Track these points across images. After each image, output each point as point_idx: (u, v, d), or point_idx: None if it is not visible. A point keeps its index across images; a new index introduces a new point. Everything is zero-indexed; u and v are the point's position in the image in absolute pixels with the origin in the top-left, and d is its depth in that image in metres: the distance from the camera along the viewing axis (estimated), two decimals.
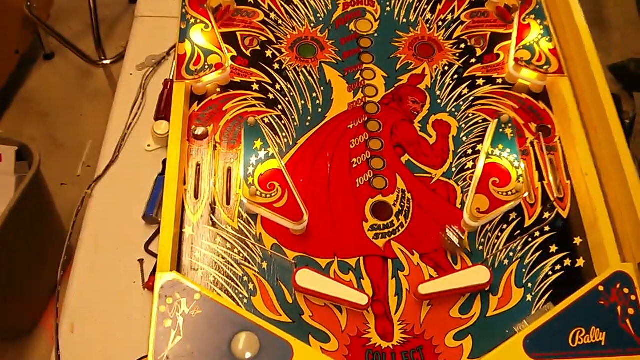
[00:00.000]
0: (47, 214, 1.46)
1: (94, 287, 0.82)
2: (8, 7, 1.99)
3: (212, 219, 0.73)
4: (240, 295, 0.68)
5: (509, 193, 0.72)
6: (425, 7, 0.92)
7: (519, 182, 0.73)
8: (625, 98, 2.09)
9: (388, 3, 0.93)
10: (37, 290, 1.48)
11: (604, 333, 0.63)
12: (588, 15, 0.90)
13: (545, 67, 0.83)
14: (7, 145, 1.43)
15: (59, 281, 0.83)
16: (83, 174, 1.82)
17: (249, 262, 0.70)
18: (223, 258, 0.70)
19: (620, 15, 2.46)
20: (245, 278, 0.69)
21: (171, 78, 0.98)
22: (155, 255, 0.80)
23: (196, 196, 0.75)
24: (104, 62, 1.81)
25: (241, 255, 0.71)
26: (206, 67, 0.82)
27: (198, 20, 0.86)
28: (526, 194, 0.74)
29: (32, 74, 2.12)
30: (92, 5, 1.88)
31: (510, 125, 0.78)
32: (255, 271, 0.70)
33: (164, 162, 0.89)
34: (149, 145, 0.94)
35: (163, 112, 0.95)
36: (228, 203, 0.74)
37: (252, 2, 0.92)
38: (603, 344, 0.62)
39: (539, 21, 0.89)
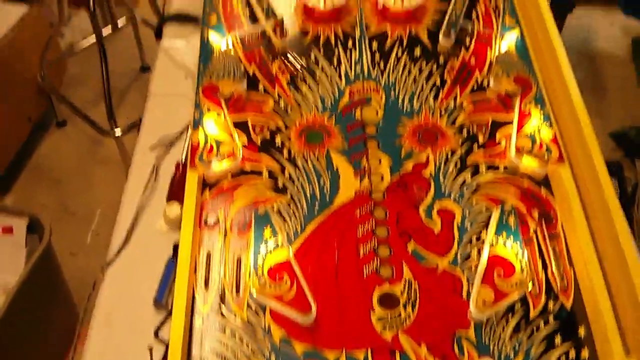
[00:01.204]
0: (57, 288, 1.47)
1: None
2: (22, 76, 2.06)
3: (221, 310, 0.74)
4: None
5: (514, 285, 0.74)
6: (429, 93, 0.96)
7: (523, 273, 0.74)
8: (627, 165, 2.12)
9: (392, 91, 0.96)
10: None
11: None
12: (585, 80, 0.93)
13: (546, 155, 0.86)
14: (19, 218, 1.46)
15: None
16: (92, 243, 1.85)
17: (258, 356, 0.71)
18: (232, 351, 0.71)
19: (619, 81, 2.51)
20: None
21: (183, 161, 1.02)
22: (165, 343, 0.81)
23: (206, 285, 0.76)
24: (116, 133, 1.86)
25: (250, 347, 0.71)
26: (218, 155, 0.85)
27: (211, 109, 0.89)
28: (530, 286, 0.75)
29: (44, 141, 2.18)
30: (104, 76, 1.94)
31: (513, 214, 0.80)
32: None
33: (175, 246, 0.91)
34: (160, 227, 0.96)
35: (175, 194, 0.97)
36: (237, 292, 0.76)
37: (263, 90, 0.95)
38: None
39: (539, 108, 0.92)
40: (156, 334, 0.84)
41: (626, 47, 2.64)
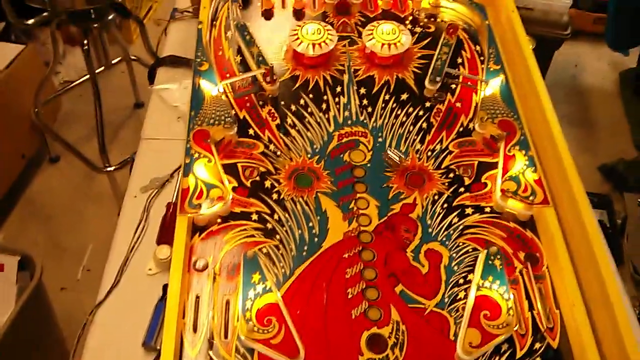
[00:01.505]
0: (47, 325, 1.47)
1: None
2: (17, 113, 2.08)
3: (210, 354, 0.74)
4: None
5: (500, 326, 0.75)
6: (415, 137, 0.98)
7: (509, 314, 0.75)
8: (616, 198, 2.14)
9: (380, 134, 0.98)
10: None
11: None
12: (574, 114, 0.95)
13: (530, 198, 0.88)
14: (10, 255, 1.46)
15: None
16: (83, 279, 1.84)
17: None
18: None
19: (608, 115, 2.55)
20: None
21: (174, 201, 1.03)
22: None
23: (195, 329, 0.77)
24: (108, 169, 1.87)
25: None
26: (208, 200, 0.86)
27: (202, 155, 0.91)
28: (516, 327, 0.76)
29: (37, 177, 2.18)
30: (97, 114, 1.96)
31: (499, 256, 0.81)
32: None
33: (165, 287, 0.91)
34: (150, 269, 0.96)
35: (165, 235, 0.98)
36: (226, 336, 0.76)
37: (253, 134, 0.97)
38: None
39: (523, 152, 0.93)
40: None
41: (614, 81, 2.69)
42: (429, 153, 0.96)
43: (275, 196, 0.90)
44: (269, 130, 0.98)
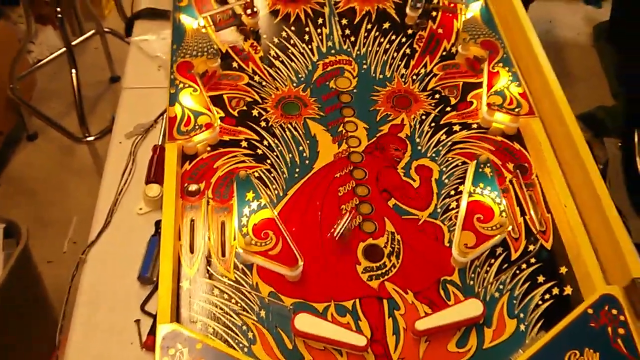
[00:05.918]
0: (35, 290, 1.45)
1: (91, 350, 0.82)
2: None
3: (208, 271, 0.74)
4: (241, 345, 0.69)
5: (494, 228, 0.75)
6: (400, 63, 0.98)
7: (502, 216, 0.76)
8: (597, 145, 2.16)
9: (364, 62, 0.98)
10: None
11: (598, 354, 0.65)
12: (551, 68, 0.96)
13: (516, 110, 0.88)
14: None
15: (57, 345, 0.83)
16: (69, 251, 1.82)
17: (247, 311, 0.71)
18: (221, 309, 0.72)
19: (584, 68, 2.57)
20: (244, 327, 0.70)
21: (160, 144, 1.02)
22: (152, 315, 0.81)
23: (192, 250, 0.77)
24: (88, 138, 1.85)
25: (239, 305, 0.72)
26: (196, 127, 0.85)
27: (187, 85, 0.90)
28: (510, 227, 0.77)
29: (16, 155, 2.15)
30: (75, 83, 1.93)
31: (488, 164, 0.82)
32: (253, 320, 0.71)
33: (157, 223, 0.91)
34: (140, 209, 0.96)
35: (154, 176, 0.97)
36: (223, 255, 0.76)
37: (237, 67, 0.96)
38: None
39: (507, 68, 0.94)
40: (142, 308, 0.84)
41: (589, 35, 2.71)
42: (414, 77, 0.96)
43: (263, 124, 0.90)
44: (253, 62, 0.97)
